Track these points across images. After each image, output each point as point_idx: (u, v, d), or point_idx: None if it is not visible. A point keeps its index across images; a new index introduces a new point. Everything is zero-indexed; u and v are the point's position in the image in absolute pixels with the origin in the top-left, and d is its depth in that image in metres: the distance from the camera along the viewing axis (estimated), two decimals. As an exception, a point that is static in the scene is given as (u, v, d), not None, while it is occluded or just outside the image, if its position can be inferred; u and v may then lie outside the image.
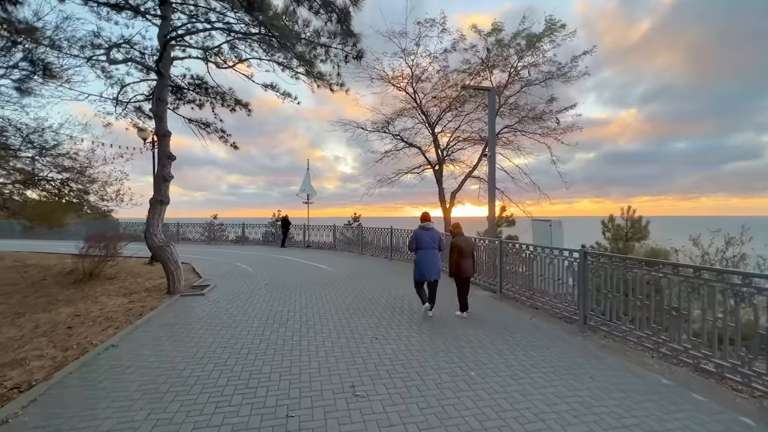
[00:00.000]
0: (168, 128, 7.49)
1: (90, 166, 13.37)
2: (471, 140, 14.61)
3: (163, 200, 7.40)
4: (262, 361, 4.10)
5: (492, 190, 8.13)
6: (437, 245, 5.88)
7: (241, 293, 7.48)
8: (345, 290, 7.82)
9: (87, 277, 9.19)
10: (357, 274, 9.93)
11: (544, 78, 12.37)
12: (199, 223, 21.36)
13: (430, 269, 5.78)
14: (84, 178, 13.35)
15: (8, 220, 14.87)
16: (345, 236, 16.58)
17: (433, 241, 5.85)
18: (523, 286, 6.67)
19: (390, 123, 14.61)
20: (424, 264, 5.79)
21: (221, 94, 9.78)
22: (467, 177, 14.27)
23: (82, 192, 15.01)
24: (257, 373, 3.77)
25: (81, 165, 12.22)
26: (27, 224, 12.81)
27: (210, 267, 11.05)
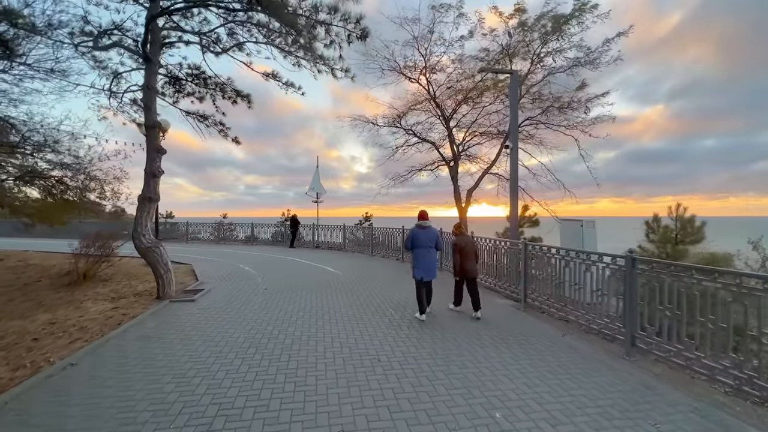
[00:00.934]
0: (157, 119, 6.90)
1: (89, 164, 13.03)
2: (488, 135, 13.67)
3: (152, 197, 6.80)
4: (237, 390, 3.37)
5: (514, 187, 7.22)
6: (434, 244, 5.75)
7: (235, 299, 6.82)
8: (349, 296, 7.07)
9: (81, 279, 8.75)
10: (365, 277, 9.17)
11: (570, 65, 11.33)
12: (210, 223, 21.04)
13: (425, 269, 5.65)
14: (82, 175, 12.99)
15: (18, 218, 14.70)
16: (355, 236, 15.86)
17: (430, 240, 5.71)
18: (552, 295, 5.77)
19: (402, 117, 13.80)
20: (420, 263, 5.67)
21: (220, 85, 9.17)
22: (484, 174, 13.32)
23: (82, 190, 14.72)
24: (230, 411, 3.03)
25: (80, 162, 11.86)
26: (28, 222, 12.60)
27: (211, 268, 10.49)
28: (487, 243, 7.90)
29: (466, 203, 13.51)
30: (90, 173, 13.77)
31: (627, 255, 4.28)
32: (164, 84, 9.35)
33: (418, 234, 5.73)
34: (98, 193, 15.07)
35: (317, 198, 17.58)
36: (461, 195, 13.82)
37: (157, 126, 6.82)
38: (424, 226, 5.78)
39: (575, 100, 11.51)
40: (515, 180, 7.21)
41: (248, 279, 8.93)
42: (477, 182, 13.41)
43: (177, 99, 9.54)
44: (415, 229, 5.83)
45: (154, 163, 6.80)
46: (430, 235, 5.74)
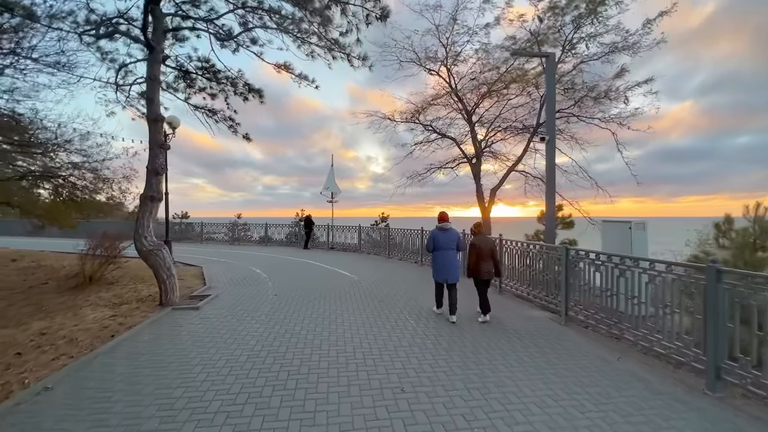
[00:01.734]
0: (161, 113, 6.42)
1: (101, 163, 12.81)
2: (514, 130, 12.79)
3: (154, 196, 6.32)
4: (232, 430, 2.75)
5: (551, 184, 6.42)
6: (455, 246, 5.67)
7: (241, 307, 6.27)
8: (364, 306, 6.42)
9: (87, 282, 8.40)
10: (382, 282, 8.50)
11: (605, 51, 10.36)
12: (224, 223, 20.80)
13: (446, 270, 5.57)
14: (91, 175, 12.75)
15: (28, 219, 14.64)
16: (371, 237, 15.22)
17: (451, 242, 5.64)
18: (602, 309, 4.96)
19: (420, 113, 13.08)
20: (441, 264, 5.62)
21: (231, 80, 8.69)
22: (510, 171, 12.46)
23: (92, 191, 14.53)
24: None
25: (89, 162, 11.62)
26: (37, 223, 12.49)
27: (221, 271, 10.03)
28: (517, 246, 7.12)
29: (489, 203, 12.69)
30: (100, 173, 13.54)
31: (709, 266, 3.47)
32: (175, 79, 8.96)
33: (439, 236, 5.64)
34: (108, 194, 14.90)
35: (332, 198, 17.04)
36: (484, 194, 13.00)
37: (160, 120, 6.34)
38: (444, 228, 5.67)
39: (613, 90, 10.52)
40: (552, 177, 6.41)
41: (258, 283, 8.40)
42: (502, 180, 12.56)
43: (189, 95, 9.13)
44: (435, 231, 5.73)
45: (157, 159, 6.32)
46: (450, 236, 5.65)
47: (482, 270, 5.57)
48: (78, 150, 10.73)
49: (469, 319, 5.66)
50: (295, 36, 6.82)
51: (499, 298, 7.12)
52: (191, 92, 9.08)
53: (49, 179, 10.51)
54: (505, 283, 7.57)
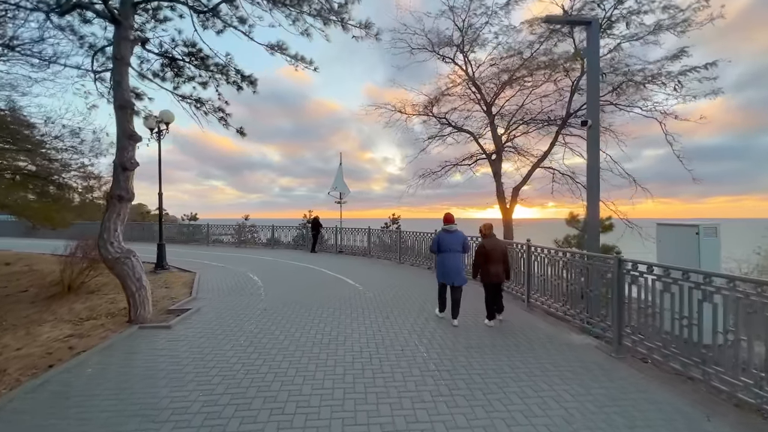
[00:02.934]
0: (131, 98, 5.54)
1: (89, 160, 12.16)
2: (538, 122, 11.52)
3: (122, 195, 5.44)
4: None
5: (594, 180, 5.22)
6: (461, 248, 5.59)
7: (221, 326, 5.31)
8: (366, 326, 5.36)
9: (66, 291, 7.65)
10: (389, 293, 7.44)
11: (649, 30, 9.00)
12: (232, 225, 20.13)
13: (451, 273, 5.49)
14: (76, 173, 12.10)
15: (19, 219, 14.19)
16: (381, 240, 14.17)
17: (456, 244, 5.55)
18: (674, 341, 3.76)
19: (434, 104, 11.96)
20: (446, 267, 5.54)
21: (222, 66, 7.81)
22: (535, 168, 11.20)
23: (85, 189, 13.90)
24: None
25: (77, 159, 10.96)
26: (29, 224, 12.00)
27: (216, 278, 9.16)
28: (549, 255, 5.93)
29: (511, 203, 11.45)
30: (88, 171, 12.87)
31: None
32: (162, 67, 8.14)
33: (444, 238, 5.57)
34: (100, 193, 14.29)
35: (340, 198, 16.09)
36: (505, 193, 11.77)
37: (129, 107, 5.45)
38: (450, 230, 5.62)
39: (663, 74, 9.05)
40: (595, 171, 5.20)
41: (251, 293, 7.46)
42: (525, 178, 11.30)
43: (177, 84, 8.30)
44: (441, 232, 5.71)
45: (126, 152, 5.44)
46: (456, 238, 5.56)
47: (491, 273, 5.37)
48: (68, 147, 10.09)
49: (493, 344, 4.53)
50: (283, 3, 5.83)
51: (527, 317, 5.96)
52: (180, 81, 8.26)
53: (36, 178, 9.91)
54: (535, 297, 6.39)
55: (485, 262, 5.39)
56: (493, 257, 5.38)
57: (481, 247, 5.48)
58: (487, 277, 5.42)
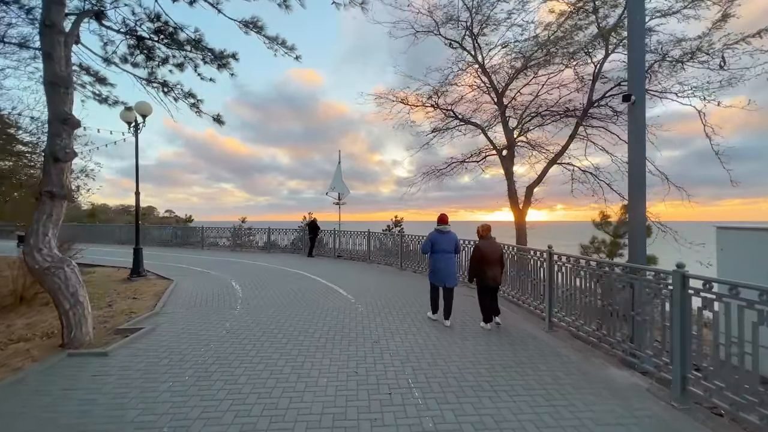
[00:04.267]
0: (67, 74, 4.58)
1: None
2: (555, 114, 10.36)
3: (54, 192, 4.47)
4: None
5: (638, 172, 4.07)
6: (453, 249, 5.56)
7: (169, 353, 4.30)
8: (350, 357, 4.30)
9: (17, 302, 6.74)
10: (385, 308, 6.37)
11: (685, 4, 7.78)
12: (228, 228, 19.23)
13: (444, 274, 5.44)
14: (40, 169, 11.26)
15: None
16: (383, 244, 13.09)
17: (449, 245, 5.52)
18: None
19: (439, 94, 10.88)
20: (438, 268, 5.48)
21: (195, 42, 6.86)
22: (551, 164, 10.04)
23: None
24: None
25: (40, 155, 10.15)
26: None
27: (193, 287, 8.18)
28: (578, 265, 4.80)
29: (524, 204, 10.29)
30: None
31: None
32: (130, 49, 7.22)
33: (438, 238, 5.54)
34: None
35: (339, 199, 15.08)
36: (517, 192, 10.61)
37: (62, 84, 4.49)
38: (443, 231, 5.58)
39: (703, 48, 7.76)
40: (639, 162, 4.06)
41: (224, 307, 6.46)
42: (541, 175, 10.13)
43: (152, 69, 7.37)
44: (434, 233, 5.64)
45: (59, 140, 4.48)
46: (448, 239, 5.54)
47: (488, 276, 5.26)
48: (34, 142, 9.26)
49: (509, 382, 3.43)
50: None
51: (548, 340, 4.85)
52: (152, 66, 7.33)
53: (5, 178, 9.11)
54: (559, 316, 5.26)
55: (481, 264, 5.27)
56: (489, 260, 5.25)
57: (477, 249, 5.36)
58: (483, 280, 5.29)
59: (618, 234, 7.25)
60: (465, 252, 8.43)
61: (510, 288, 6.91)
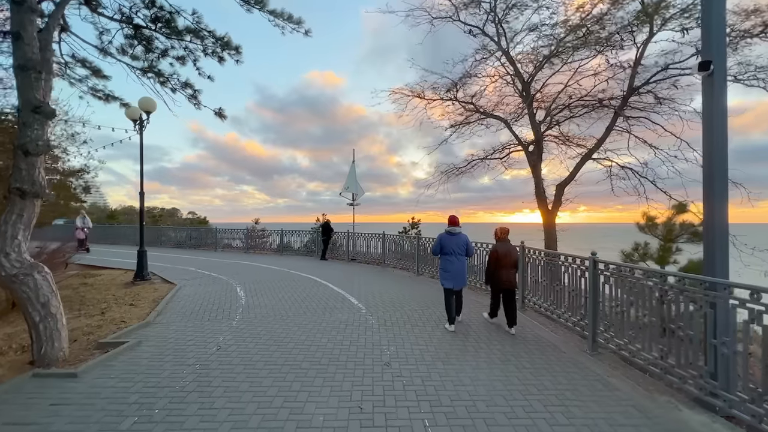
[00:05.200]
0: (39, 57, 4.08)
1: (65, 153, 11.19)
2: (587, 105, 9.38)
3: (24, 190, 3.98)
4: None
5: (719, 155, 3.20)
6: (464, 251, 5.48)
7: (145, 376, 3.71)
8: (355, 384, 3.60)
9: (10, 308, 6.38)
10: (399, 320, 5.65)
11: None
12: (242, 229, 18.92)
13: (454, 277, 5.39)
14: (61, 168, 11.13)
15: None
16: (398, 247, 12.35)
17: (459, 247, 5.44)
18: None
19: (458, 87, 10.09)
20: (449, 271, 5.43)
21: (195, 31, 6.36)
22: (586, 159, 9.07)
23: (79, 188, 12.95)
24: None
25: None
26: None
27: (195, 292, 7.68)
28: (625, 276, 3.94)
29: (554, 204, 9.36)
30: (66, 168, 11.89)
31: None
32: (127, 40, 6.79)
33: (448, 240, 5.48)
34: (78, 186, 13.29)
35: (353, 200, 14.43)
36: (545, 191, 9.67)
37: (34, 69, 3.99)
38: (453, 232, 5.52)
39: None
40: (721, 151, 3.18)
41: (221, 317, 5.89)
42: (573, 172, 9.17)
43: (152, 63, 6.92)
44: (443, 234, 5.58)
45: (30, 130, 3.98)
46: (459, 241, 5.47)
47: (503, 279, 5.22)
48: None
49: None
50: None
51: (594, 366, 4.01)
52: (153, 59, 6.88)
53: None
54: (606, 337, 4.40)
55: (497, 267, 5.23)
56: (504, 262, 5.20)
57: (494, 251, 5.30)
58: (498, 283, 5.25)
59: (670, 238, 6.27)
60: (478, 255, 7.82)
61: (541, 299, 6.06)
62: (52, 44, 4.48)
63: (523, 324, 5.67)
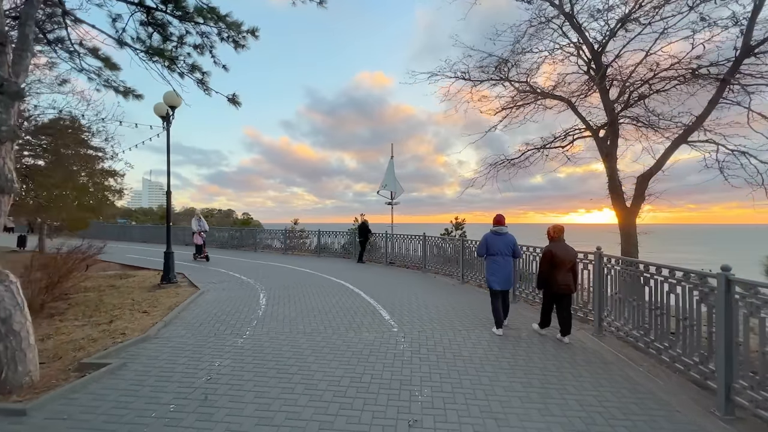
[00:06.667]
0: (4, 30, 3.47)
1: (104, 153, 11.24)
2: (677, 77, 7.49)
3: (-12, 183, 3.37)
4: None
5: None
6: (511, 252, 5.33)
7: (107, 420, 2.90)
8: (368, 453, 2.51)
9: (27, 312, 6.09)
10: (442, 346, 4.48)
11: None
12: (281, 230, 18.66)
13: (502, 278, 5.22)
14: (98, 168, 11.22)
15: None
16: (441, 250, 11.08)
17: (506, 247, 5.30)
18: None
19: (511, 65, 8.63)
20: (495, 271, 5.25)
21: (208, 11, 5.67)
22: (679, 143, 7.20)
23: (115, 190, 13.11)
24: None
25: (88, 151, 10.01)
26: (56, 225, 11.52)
27: (216, 299, 7.06)
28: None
29: (635, 200, 7.57)
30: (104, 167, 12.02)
31: None
32: (142, 27, 6.29)
33: (494, 240, 5.33)
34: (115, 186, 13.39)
35: (392, 198, 13.39)
36: (622, 186, 7.89)
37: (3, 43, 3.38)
38: (499, 232, 5.35)
39: None
40: None
41: (231, 331, 5.09)
42: (661, 159, 7.29)
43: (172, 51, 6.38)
44: (489, 234, 5.42)
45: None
46: (506, 241, 5.32)
47: (558, 282, 4.76)
48: None
49: None
50: None
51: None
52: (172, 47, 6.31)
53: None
54: (750, 397, 2.89)
55: (552, 268, 4.81)
56: (561, 264, 4.79)
57: (548, 252, 4.89)
58: (553, 287, 4.82)
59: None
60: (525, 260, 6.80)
61: (630, 324, 4.57)
62: (32, 20, 3.89)
63: (606, 358, 4.25)
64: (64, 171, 11.56)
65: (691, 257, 33.30)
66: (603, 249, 5.22)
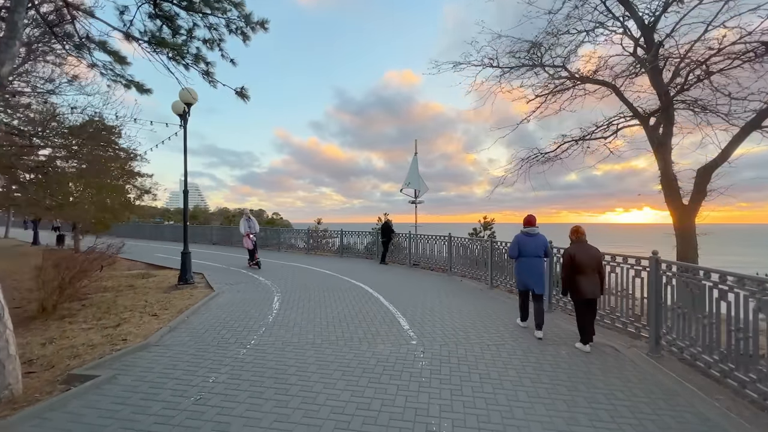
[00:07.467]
0: None
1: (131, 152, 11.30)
2: (745, 53, 6.42)
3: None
4: None
5: None
6: (543, 253, 5.13)
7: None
8: None
9: (40, 312, 6.05)
10: (467, 364, 3.87)
11: None
12: (304, 230, 18.49)
13: (532, 278, 5.03)
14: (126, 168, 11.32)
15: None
16: (467, 251, 10.34)
17: (537, 248, 5.10)
18: None
19: (545, 48, 7.80)
20: (525, 272, 5.08)
21: (214, 3, 5.35)
22: (751, 130, 6.15)
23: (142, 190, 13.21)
24: None
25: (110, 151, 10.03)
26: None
27: (228, 302, 6.76)
28: None
29: (695, 196, 6.56)
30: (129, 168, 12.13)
31: None
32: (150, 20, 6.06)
33: (525, 241, 5.14)
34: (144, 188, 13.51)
35: (415, 197, 12.78)
36: (677, 182, 6.88)
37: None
38: (531, 233, 5.16)
39: None
40: None
41: (234, 340, 4.71)
42: (727, 149, 6.28)
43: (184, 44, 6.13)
44: (520, 235, 5.22)
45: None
46: (537, 242, 5.12)
47: (583, 288, 4.41)
48: None
49: None
50: None
51: None
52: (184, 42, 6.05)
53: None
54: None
55: (573, 272, 4.46)
56: (584, 267, 4.42)
57: (567, 255, 4.56)
58: (577, 293, 4.45)
59: None
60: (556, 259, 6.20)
61: (696, 345, 3.76)
62: (23, 7, 3.65)
63: (668, 387, 3.48)
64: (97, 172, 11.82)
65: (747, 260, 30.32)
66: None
